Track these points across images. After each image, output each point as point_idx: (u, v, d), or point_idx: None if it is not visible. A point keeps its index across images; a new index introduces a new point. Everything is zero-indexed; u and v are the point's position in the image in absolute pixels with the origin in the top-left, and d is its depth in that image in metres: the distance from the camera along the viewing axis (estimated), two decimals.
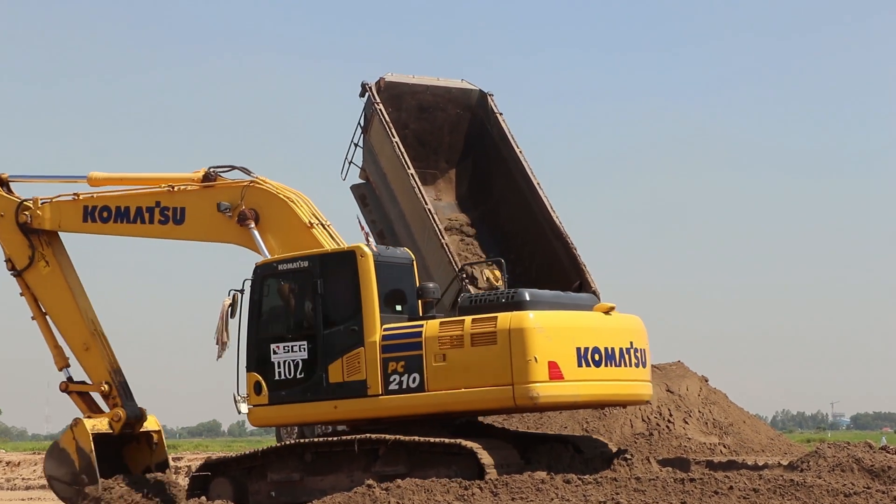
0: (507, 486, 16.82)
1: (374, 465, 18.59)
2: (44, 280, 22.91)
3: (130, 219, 21.90)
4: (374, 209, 21.70)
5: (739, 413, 28.68)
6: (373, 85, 21.91)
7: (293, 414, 19.98)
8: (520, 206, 20.88)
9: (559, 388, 18.18)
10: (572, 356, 18.24)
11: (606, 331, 18.95)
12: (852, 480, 17.33)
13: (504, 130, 21.85)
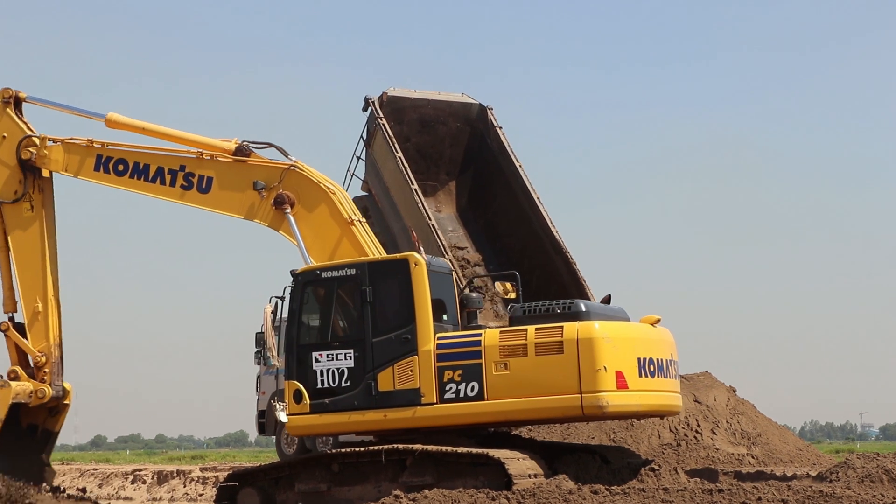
0: (534, 497, 16.80)
1: (402, 475, 18.56)
2: (22, 222, 21.93)
3: (149, 178, 21.19)
4: (377, 221, 21.81)
5: (767, 423, 28.58)
6: (375, 99, 22.04)
7: (336, 423, 19.58)
8: (519, 219, 20.99)
9: (625, 397, 18.19)
10: (634, 366, 18.29)
11: (656, 342, 19.06)
12: (882, 492, 17.25)
13: (503, 144, 21.99)
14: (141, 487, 35.01)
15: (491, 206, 22.24)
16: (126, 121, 21.65)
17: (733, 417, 27.93)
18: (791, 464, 25.39)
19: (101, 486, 36.20)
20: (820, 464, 24.37)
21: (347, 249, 19.78)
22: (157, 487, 34.60)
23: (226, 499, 20.33)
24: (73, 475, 37.81)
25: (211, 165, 20.81)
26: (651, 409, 19.56)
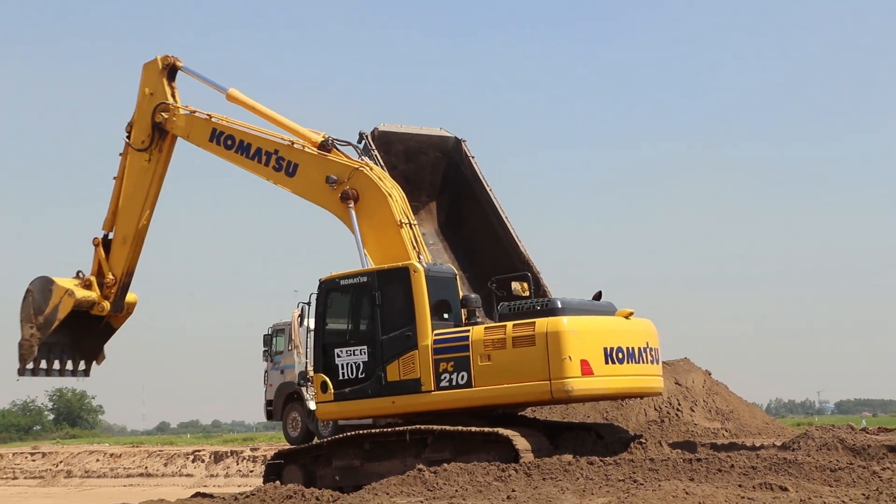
0: (538, 468, 16.81)
1: (424, 452, 18.64)
2: (139, 169, 22.96)
3: (249, 155, 21.57)
4: None
5: (738, 401, 28.48)
6: (368, 133, 22.54)
7: (355, 409, 19.96)
8: (489, 235, 21.47)
9: (590, 382, 18.28)
10: (600, 355, 18.36)
11: (627, 333, 19.07)
12: (837, 458, 17.23)
13: (476, 171, 22.44)
14: (200, 466, 35.09)
15: (466, 223, 22.77)
16: (242, 98, 22.25)
17: (709, 397, 27.85)
18: (759, 436, 25.30)
19: (166, 465, 36.29)
20: (784, 435, 24.27)
21: (395, 248, 19.85)
22: (213, 465, 34.67)
23: (273, 475, 20.39)
24: (142, 456, 37.90)
25: (298, 154, 21.10)
26: (622, 392, 19.79)
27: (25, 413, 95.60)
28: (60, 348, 24.04)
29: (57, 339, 23.63)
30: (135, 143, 22.91)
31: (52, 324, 23.13)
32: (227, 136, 21.89)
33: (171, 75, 23.08)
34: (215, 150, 22.05)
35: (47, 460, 41.53)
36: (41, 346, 23.37)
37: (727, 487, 15.03)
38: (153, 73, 23.10)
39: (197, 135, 22.32)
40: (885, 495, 12.84)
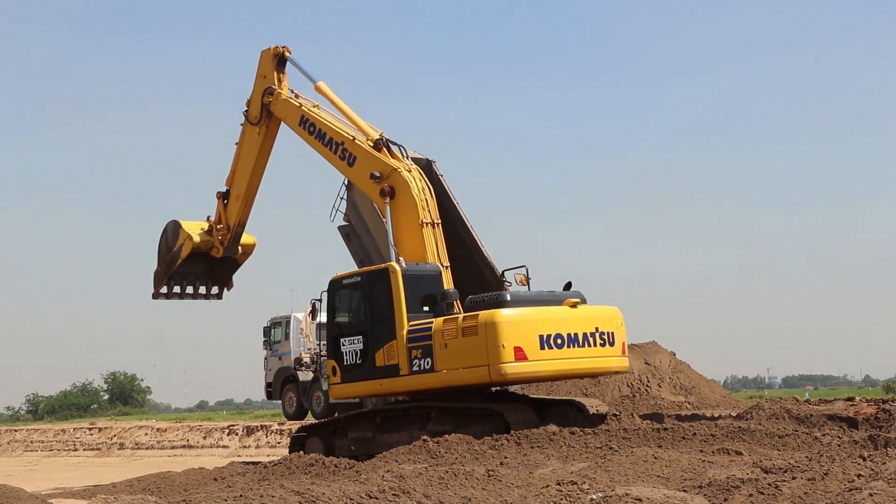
0: (527, 438, 16.83)
1: (428, 424, 18.72)
2: (251, 139, 23.72)
3: (324, 143, 21.90)
4: (356, 244, 22.86)
5: (700, 378, 28.50)
6: None
7: (356, 390, 20.23)
8: (458, 244, 21.67)
9: (524, 366, 18.22)
10: (535, 342, 18.23)
11: (569, 320, 18.77)
12: (784, 426, 17.25)
13: (445, 188, 22.54)
14: (234, 438, 35.06)
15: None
16: (326, 91, 22.69)
17: (674, 375, 27.87)
18: (717, 408, 25.32)
19: (204, 438, 36.25)
20: (738, 407, 24.29)
21: (417, 246, 20.02)
22: (246, 438, 34.64)
23: (297, 446, 20.45)
24: (184, 430, 37.88)
25: (357, 148, 21.28)
26: (561, 373, 19.61)
27: (84, 393, 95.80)
28: (195, 276, 25.55)
29: (191, 268, 25.20)
30: (250, 117, 23.63)
31: (175, 261, 24.65)
32: (311, 124, 22.23)
33: (281, 64, 23.52)
34: (301, 134, 22.46)
35: (103, 434, 41.56)
36: (174, 275, 24.99)
37: (690, 453, 15.06)
38: (266, 60, 23.65)
39: (290, 118, 22.81)
40: (825, 457, 12.86)
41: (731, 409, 24.08)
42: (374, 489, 12.43)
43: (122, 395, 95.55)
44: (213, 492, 14.31)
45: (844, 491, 10.54)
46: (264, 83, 23.44)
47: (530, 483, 13.13)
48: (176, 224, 24.91)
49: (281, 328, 36.41)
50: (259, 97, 23.45)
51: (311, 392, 34.44)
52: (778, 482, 11.18)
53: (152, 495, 16.19)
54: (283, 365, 35.61)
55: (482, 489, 12.82)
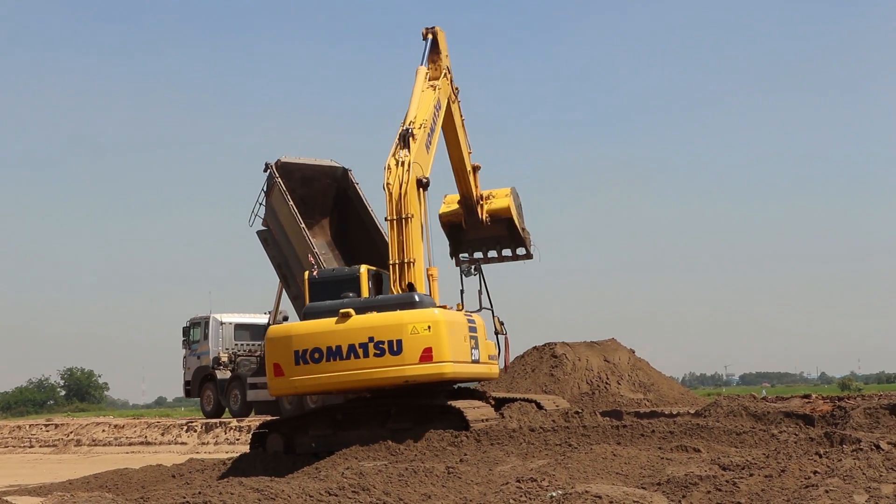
0: (487, 435, 16.84)
1: (388, 421, 18.63)
2: (452, 119, 23.11)
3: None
4: (273, 248, 23.45)
5: (658, 375, 28.64)
6: (273, 164, 23.47)
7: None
8: (370, 245, 22.34)
9: (282, 382, 18.47)
10: (291, 358, 18.27)
11: (331, 334, 18.24)
12: (741, 423, 17.38)
13: (359, 194, 23.61)
14: (193, 435, 34.82)
15: (350, 236, 23.68)
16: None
17: (633, 372, 27.98)
18: (676, 405, 25.47)
19: (163, 434, 35.99)
20: (697, 404, 24.45)
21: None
22: (204, 434, 34.42)
23: (258, 442, 20.31)
24: (142, 427, 37.61)
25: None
26: (322, 387, 18.94)
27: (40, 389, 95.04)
28: (496, 240, 25.37)
29: (491, 234, 25.13)
30: (453, 94, 23.36)
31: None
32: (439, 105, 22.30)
33: (437, 45, 23.12)
34: (436, 120, 22.12)
35: (59, 431, 41.16)
36: (472, 242, 25.12)
37: (649, 450, 15.14)
38: (444, 40, 23.42)
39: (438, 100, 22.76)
40: (782, 455, 12.96)
41: (689, 406, 24.22)
42: (333, 486, 12.39)
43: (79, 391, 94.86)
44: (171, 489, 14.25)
45: (801, 487, 10.63)
46: (448, 61, 23.15)
47: (490, 480, 13.14)
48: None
49: (200, 328, 37.70)
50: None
51: (228, 390, 35.85)
52: (735, 479, 11.26)
53: (109, 492, 16.08)
54: (201, 364, 37.13)
55: (442, 486, 12.82)
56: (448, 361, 17.83)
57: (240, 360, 36.11)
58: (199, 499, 11.57)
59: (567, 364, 27.67)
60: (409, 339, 17.81)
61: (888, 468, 10.86)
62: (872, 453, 11.71)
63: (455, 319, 18.57)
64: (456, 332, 18.32)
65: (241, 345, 37.34)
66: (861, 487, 10.22)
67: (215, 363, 36.36)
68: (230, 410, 36.04)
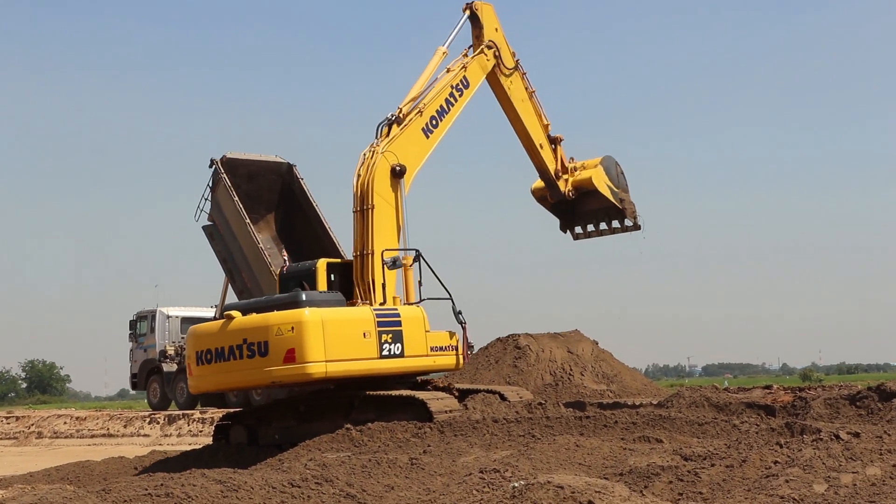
0: (450, 426, 16.85)
1: (351, 413, 18.60)
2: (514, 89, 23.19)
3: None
4: (219, 243, 23.69)
5: (621, 367, 28.78)
6: (218, 160, 23.46)
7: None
8: (314, 240, 22.82)
9: (191, 379, 19.34)
10: (194, 358, 19.01)
11: (218, 335, 18.72)
12: (703, 414, 17.51)
13: (304, 189, 23.57)
14: (156, 427, 34.64)
15: (296, 230, 23.98)
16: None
17: (597, 363, 28.10)
18: (639, 396, 25.60)
19: (125, 427, 35.79)
20: (660, 395, 24.59)
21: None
22: (167, 426, 34.24)
23: (221, 434, 20.24)
24: (104, 419, 37.38)
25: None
26: (219, 387, 20.08)
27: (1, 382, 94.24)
28: (605, 212, 25.36)
29: (599, 205, 25.17)
30: (507, 68, 23.21)
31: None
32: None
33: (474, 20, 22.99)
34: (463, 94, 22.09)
35: (20, 423, 40.82)
36: (581, 215, 25.54)
37: (612, 440, 15.20)
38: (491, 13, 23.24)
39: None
40: (743, 445, 13.05)
41: (652, 397, 24.37)
42: (296, 478, 12.36)
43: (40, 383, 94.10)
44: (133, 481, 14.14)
45: (762, 477, 10.71)
46: (497, 35, 23.05)
47: (453, 471, 13.15)
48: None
49: (146, 322, 38.38)
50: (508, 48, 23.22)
51: (174, 383, 36.54)
52: (697, 469, 11.32)
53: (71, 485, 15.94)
54: (148, 357, 37.85)
55: (405, 477, 12.82)
56: (316, 361, 17.87)
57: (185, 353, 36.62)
58: (162, 490, 11.51)
59: (531, 355, 27.74)
60: (274, 341, 18.01)
61: (847, 458, 10.96)
62: (832, 443, 11.81)
63: (338, 317, 18.41)
64: (340, 330, 18.25)
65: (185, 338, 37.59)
66: (821, 477, 10.30)
67: (162, 356, 37.16)
68: (176, 403, 36.72)
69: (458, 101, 21.77)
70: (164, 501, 11.21)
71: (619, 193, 25.09)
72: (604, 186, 24.74)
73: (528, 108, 23.67)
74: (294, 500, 11.72)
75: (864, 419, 16.72)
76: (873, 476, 10.20)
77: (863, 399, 17.59)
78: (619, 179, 25.26)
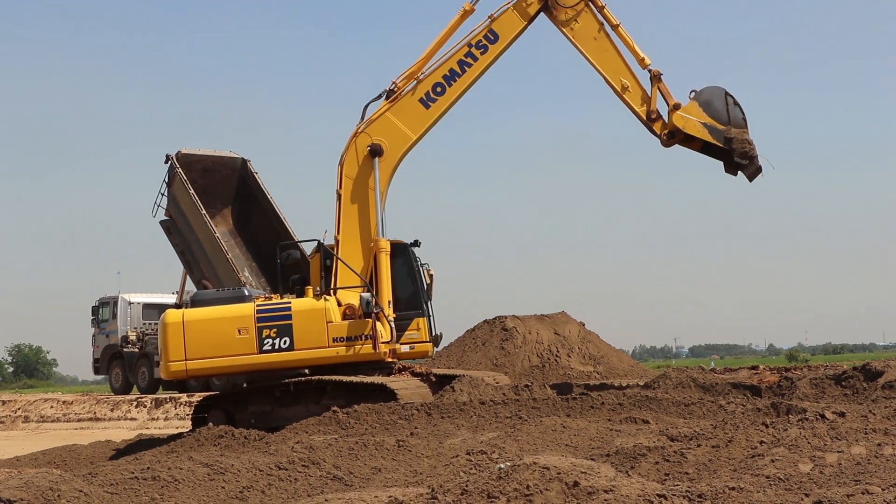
0: (437, 408, 16.87)
1: (323, 398, 18.74)
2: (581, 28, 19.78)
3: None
4: (177, 237, 23.90)
5: (608, 348, 28.87)
6: (174, 155, 23.82)
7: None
8: (270, 232, 23.37)
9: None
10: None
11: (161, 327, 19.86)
12: (690, 394, 17.54)
13: (259, 184, 24.09)
14: (143, 410, 34.59)
15: (252, 224, 24.46)
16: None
17: (583, 345, 28.17)
18: (626, 377, 25.66)
19: (112, 410, 35.74)
20: (646, 376, 24.65)
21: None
22: (154, 410, 34.21)
23: (200, 418, 20.32)
24: (91, 403, 37.32)
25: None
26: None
27: None
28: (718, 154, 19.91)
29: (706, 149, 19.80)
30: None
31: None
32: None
33: None
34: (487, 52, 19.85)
35: (6, 407, 40.71)
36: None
37: (598, 421, 15.22)
38: None
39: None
40: (729, 425, 13.09)
41: (638, 378, 24.42)
42: (283, 460, 12.35)
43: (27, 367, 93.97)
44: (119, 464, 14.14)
45: (747, 457, 10.74)
46: None
47: (440, 453, 13.16)
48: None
49: (109, 307, 39.31)
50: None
51: (136, 368, 37.48)
52: (683, 450, 11.34)
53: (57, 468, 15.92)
54: (110, 342, 38.77)
55: (392, 459, 12.82)
56: (175, 361, 19.25)
57: (147, 339, 37.72)
58: (148, 474, 11.49)
59: (518, 337, 27.79)
60: (161, 339, 19.61)
61: (833, 437, 10.99)
62: (818, 423, 11.85)
63: (205, 317, 19.42)
64: (204, 329, 19.27)
65: (149, 324, 38.76)
66: (806, 456, 10.34)
67: (124, 341, 37.94)
68: (138, 387, 37.69)
69: (478, 62, 19.52)
70: (150, 485, 11.19)
71: (727, 131, 19.38)
72: (694, 126, 19.45)
73: (602, 45, 19.71)
74: (281, 482, 11.71)
75: (849, 399, 16.80)
76: (858, 455, 10.24)
77: (848, 379, 17.66)
78: (727, 114, 19.62)
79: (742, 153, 19.21)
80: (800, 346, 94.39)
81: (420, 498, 8.24)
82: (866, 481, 8.92)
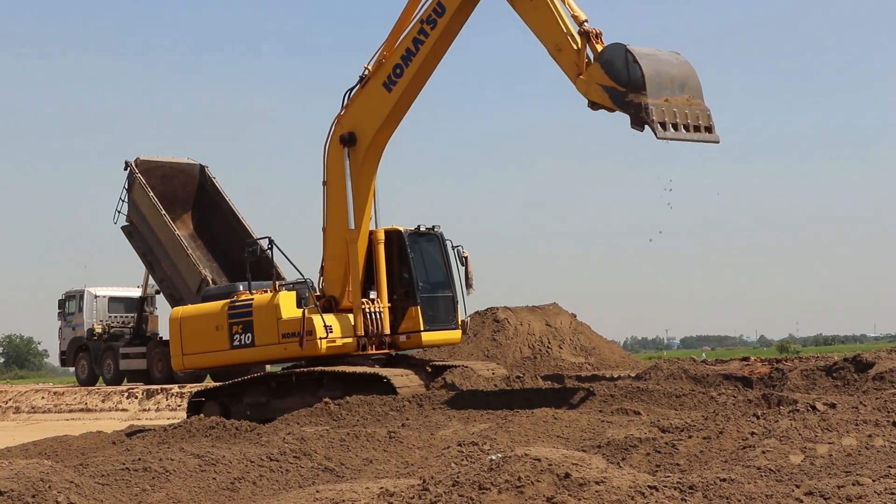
0: (429, 400, 16.89)
1: (319, 390, 18.71)
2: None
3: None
4: (139, 240, 25.04)
5: (600, 339, 28.84)
6: (133, 162, 24.68)
7: None
8: (230, 233, 23.51)
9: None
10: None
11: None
12: (681, 385, 17.57)
13: (217, 188, 25.04)
14: (134, 402, 34.54)
15: (212, 226, 24.62)
16: None
17: (575, 336, 28.15)
18: (617, 368, 25.67)
19: (103, 402, 35.69)
20: (638, 367, 24.64)
21: None
22: (146, 401, 34.17)
23: (195, 409, 20.29)
24: (82, 394, 37.27)
25: None
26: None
27: None
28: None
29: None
30: None
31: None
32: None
33: None
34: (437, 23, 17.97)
35: None
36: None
37: (590, 413, 15.25)
38: None
39: None
40: (721, 416, 13.10)
41: (630, 369, 24.43)
42: (275, 451, 12.36)
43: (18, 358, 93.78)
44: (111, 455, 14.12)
45: (738, 449, 10.76)
46: None
47: (431, 444, 13.17)
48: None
49: (75, 301, 39.69)
50: None
51: (102, 360, 37.95)
52: (674, 441, 11.36)
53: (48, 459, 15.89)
54: (76, 335, 39.25)
55: (383, 451, 12.84)
56: (176, 355, 20.21)
57: (113, 332, 38.40)
58: (140, 465, 11.49)
59: (509, 328, 27.77)
60: (169, 334, 20.59)
61: (823, 429, 11.02)
62: (808, 414, 11.87)
63: (195, 313, 20.12)
64: (195, 325, 19.94)
65: (114, 317, 39.39)
66: (797, 448, 10.36)
67: (90, 334, 38.45)
68: (103, 379, 38.21)
69: (429, 38, 17.82)
70: (141, 476, 11.20)
71: (627, 94, 16.50)
72: (595, 90, 16.75)
73: (538, 6, 17.22)
74: (272, 473, 11.72)
75: (840, 390, 16.84)
76: (849, 446, 10.26)
77: (839, 370, 17.71)
78: (627, 74, 16.59)
79: (637, 119, 16.55)
80: (791, 338, 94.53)
81: (411, 489, 8.25)
82: (857, 472, 8.94)
